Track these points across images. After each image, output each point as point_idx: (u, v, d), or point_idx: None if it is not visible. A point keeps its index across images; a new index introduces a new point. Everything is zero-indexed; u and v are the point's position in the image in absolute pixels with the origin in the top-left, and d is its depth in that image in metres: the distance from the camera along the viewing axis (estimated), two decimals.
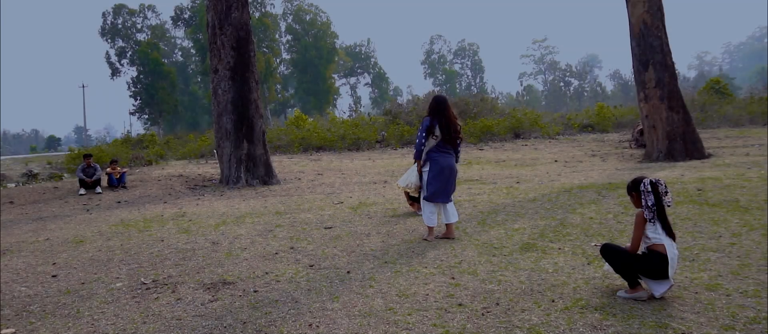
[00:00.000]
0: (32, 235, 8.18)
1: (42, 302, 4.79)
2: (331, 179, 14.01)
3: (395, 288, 4.61)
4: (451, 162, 6.50)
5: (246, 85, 13.71)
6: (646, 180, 4.06)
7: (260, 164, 13.81)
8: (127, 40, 64.66)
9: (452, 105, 6.57)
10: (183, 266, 5.73)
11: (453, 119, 6.44)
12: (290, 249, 6.27)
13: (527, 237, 6.37)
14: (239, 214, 9.08)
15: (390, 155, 21.15)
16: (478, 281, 4.69)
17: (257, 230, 7.49)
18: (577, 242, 6.01)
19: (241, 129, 13.63)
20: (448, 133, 6.37)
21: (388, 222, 7.67)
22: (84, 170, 13.57)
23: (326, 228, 7.41)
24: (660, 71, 14.94)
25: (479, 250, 5.84)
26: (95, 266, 5.91)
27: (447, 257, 5.56)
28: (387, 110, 33.54)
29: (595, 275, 4.73)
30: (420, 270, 5.12)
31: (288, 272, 5.26)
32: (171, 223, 8.55)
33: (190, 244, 6.77)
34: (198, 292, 4.79)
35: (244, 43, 13.78)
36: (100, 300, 4.72)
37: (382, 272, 5.14)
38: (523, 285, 4.54)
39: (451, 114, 6.42)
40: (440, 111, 6.36)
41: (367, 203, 9.57)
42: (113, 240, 7.32)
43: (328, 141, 24.88)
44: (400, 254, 5.78)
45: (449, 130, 6.37)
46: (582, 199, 8.69)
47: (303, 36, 72.09)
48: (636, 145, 19.01)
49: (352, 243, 6.43)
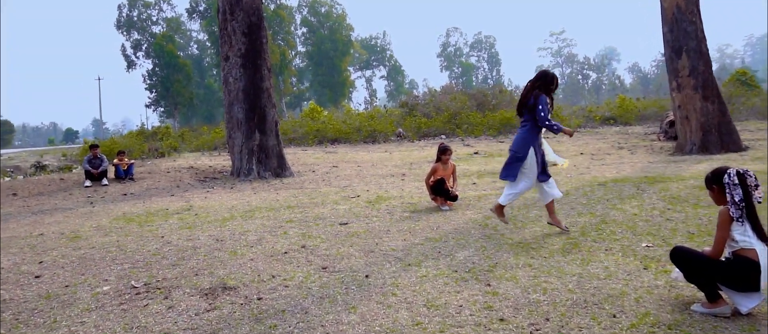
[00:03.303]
0: (28, 229, 7.62)
1: (17, 308, 4.18)
2: (346, 172, 13.36)
3: (422, 297, 3.93)
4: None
5: (258, 73, 13.09)
6: (732, 171, 3.33)
7: (273, 156, 13.19)
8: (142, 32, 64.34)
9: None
10: (181, 266, 5.09)
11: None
12: (301, 248, 5.61)
13: (567, 236, 5.66)
14: (248, 208, 8.45)
15: (407, 147, 20.46)
16: (519, 290, 4.00)
17: (266, 226, 6.85)
18: (625, 242, 5.29)
19: (252, 119, 13.02)
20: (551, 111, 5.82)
21: (408, 218, 6.98)
22: (90, 161, 13.05)
23: (341, 224, 6.75)
24: (694, 59, 14.07)
25: (514, 251, 5.14)
26: (84, 266, 5.30)
27: (479, 260, 4.87)
28: (403, 103, 32.84)
29: (657, 283, 4.01)
30: (449, 275, 4.43)
31: (298, 276, 4.61)
32: (175, 217, 7.94)
33: (192, 241, 6.15)
34: (193, 298, 4.14)
35: (255, 29, 13.15)
36: (82, 307, 4.10)
37: (405, 276, 4.46)
38: (573, 295, 3.84)
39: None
40: (552, 89, 5.80)
41: (385, 197, 8.90)
42: (110, 236, 6.72)
43: (344, 133, 24.26)
44: (425, 255, 5.09)
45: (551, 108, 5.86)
46: (620, 193, 7.95)
47: (318, 28, 71.42)
48: (665, 138, 18.13)
49: (369, 242, 5.76)
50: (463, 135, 24.27)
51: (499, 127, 25.09)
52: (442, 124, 26.23)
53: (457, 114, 27.40)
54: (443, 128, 25.90)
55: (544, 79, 5.77)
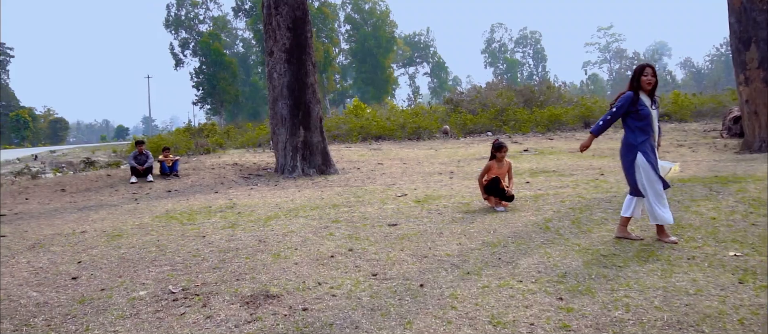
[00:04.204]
0: (72, 226, 7.50)
1: (50, 312, 3.93)
2: (391, 169, 12.96)
3: (486, 311, 3.49)
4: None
5: (302, 68, 12.81)
6: None
7: (317, 152, 12.91)
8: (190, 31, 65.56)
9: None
10: (221, 270, 4.78)
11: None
12: (348, 251, 5.23)
13: (640, 242, 5.11)
14: (292, 206, 8.15)
15: (453, 145, 19.93)
16: (597, 305, 3.51)
17: (311, 227, 6.51)
18: (708, 250, 4.72)
19: (297, 115, 12.75)
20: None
21: (461, 220, 6.53)
22: (136, 158, 13.04)
23: (390, 225, 6.35)
24: (764, 50, 13.09)
25: (584, 258, 4.64)
26: (123, 267, 5.06)
27: (545, 268, 4.39)
28: (448, 99, 32.27)
29: (761, 301, 3.46)
30: (514, 286, 3.97)
31: (346, 283, 4.22)
32: (218, 215, 7.70)
33: (234, 242, 5.85)
34: (234, 307, 3.81)
35: (300, 24, 12.88)
36: (117, 314, 3.82)
37: (464, 286, 4.02)
38: (661, 313, 3.33)
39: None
40: (644, 82, 5.13)
41: (434, 196, 8.46)
42: (151, 234, 6.50)
43: (388, 130, 23.89)
44: (485, 262, 4.64)
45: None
46: (692, 194, 7.30)
47: (362, 25, 71.30)
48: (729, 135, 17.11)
49: (421, 245, 5.33)
50: (510, 132, 23.58)
51: (548, 123, 24.31)
52: (488, 120, 25.58)
53: (504, 110, 26.69)
54: (489, 125, 25.25)
55: (632, 75, 5.18)
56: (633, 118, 5.05)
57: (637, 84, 5.08)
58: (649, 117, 5.02)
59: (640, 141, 5.02)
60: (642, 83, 5.05)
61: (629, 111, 5.06)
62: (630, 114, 5.06)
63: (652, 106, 5.09)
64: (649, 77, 5.04)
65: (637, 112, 5.01)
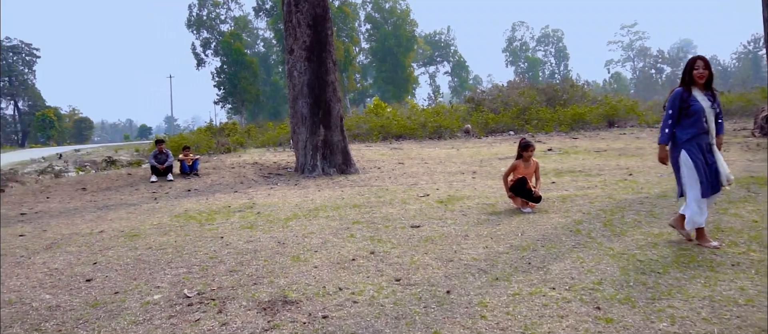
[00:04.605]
0: (90, 226, 7.42)
1: (62, 316, 3.79)
2: (413, 169, 12.73)
3: (519, 322, 3.26)
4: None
5: (323, 66, 12.64)
6: None
7: (338, 152, 12.73)
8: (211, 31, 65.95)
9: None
10: (239, 273, 4.61)
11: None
12: (370, 254, 5.03)
13: (678, 246, 4.83)
14: (313, 206, 7.97)
15: (475, 144, 19.63)
16: (638, 316, 3.26)
17: (332, 228, 6.32)
18: (753, 256, 4.43)
19: (317, 113, 12.59)
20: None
21: (487, 221, 6.28)
22: (156, 157, 12.99)
23: (413, 227, 6.13)
24: None
25: (620, 263, 4.37)
26: (138, 269, 4.92)
27: (579, 274, 4.14)
28: (469, 98, 31.90)
29: None
30: (547, 293, 3.73)
31: (368, 289, 4.02)
32: (237, 215, 7.55)
33: (253, 244, 5.68)
34: (250, 313, 3.63)
35: (320, 21, 12.71)
36: (130, 319, 3.66)
37: (494, 293, 3.79)
38: (710, 325, 3.07)
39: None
40: (696, 76, 4.86)
41: (457, 196, 8.22)
42: (169, 235, 6.37)
43: (409, 129, 23.65)
44: (514, 267, 4.40)
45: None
46: (729, 196, 6.96)
47: (382, 24, 71.07)
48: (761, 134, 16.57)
49: (446, 249, 5.11)
50: (533, 131, 23.18)
51: (571, 122, 23.85)
52: (510, 119, 25.20)
53: (526, 109, 26.27)
54: (511, 124, 24.87)
55: (683, 70, 4.91)
56: (683, 114, 4.78)
57: (688, 79, 4.81)
58: (700, 112, 4.73)
59: (687, 138, 4.75)
60: (694, 77, 4.79)
61: (681, 107, 4.78)
62: (681, 110, 4.79)
63: (709, 100, 4.78)
64: (700, 70, 4.77)
65: (687, 109, 4.73)
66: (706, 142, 4.76)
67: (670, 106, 4.82)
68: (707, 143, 4.76)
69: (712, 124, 4.77)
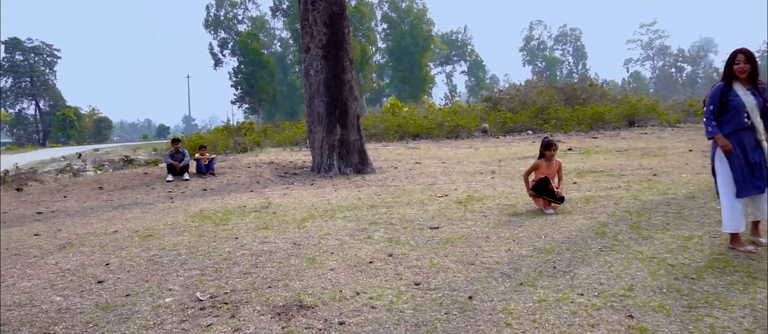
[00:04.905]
0: (104, 225, 7.35)
1: (71, 320, 3.69)
2: (431, 169, 12.55)
3: (547, 331, 3.08)
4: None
5: (339, 65, 12.51)
6: None
7: (354, 151, 12.59)
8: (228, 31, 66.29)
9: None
10: (253, 276, 4.48)
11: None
12: (388, 257, 4.87)
13: (710, 250, 4.60)
14: (329, 206, 7.83)
15: (493, 143, 19.38)
16: (674, 325, 3.06)
17: (348, 229, 6.17)
18: None
19: (333, 112, 12.46)
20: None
21: (508, 223, 6.09)
22: (172, 156, 12.97)
23: (432, 229, 5.96)
24: None
25: (649, 267, 4.16)
26: (151, 270, 4.81)
27: (607, 279, 3.94)
28: (486, 97, 31.62)
29: None
30: (575, 300, 3.54)
31: (386, 293, 3.86)
32: (252, 215, 7.43)
33: (268, 245, 5.55)
34: (264, 318, 3.49)
35: (337, 19, 12.58)
36: (140, 323, 3.54)
37: (518, 299, 3.61)
38: None
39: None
40: (738, 70, 4.62)
41: (477, 196, 8.03)
42: (183, 235, 6.26)
43: (426, 128, 23.47)
44: (538, 272, 4.21)
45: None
46: None
47: (399, 24, 70.89)
48: None
49: (467, 251, 4.93)
50: (552, 130, 22.87)
51: (591, 122, 23.49)
52: (528, 119, 24.90)
53: (545, 109, 25.94)
54: (530, 124, 24.57)
55: (725, 64, 4.69)
56: (722, 110, 4.56)
57: (729, 73, 4.59)
58: (740, 108, 4.49)
59: (725, 134, 4.52)
60: (735, 72, 4.56)
61: (721, 102, 4.56)
62: (721, 105, 4.57)
63: (752, 95, 4.54)
64: (741, 65, 4.53)
65: (726, 104, 4.51)
66: (752, 139, 4.52)
67: (710, 102, 4.62)
68: (753, 140, 4.52)
69: (756, 119, 4.52)
